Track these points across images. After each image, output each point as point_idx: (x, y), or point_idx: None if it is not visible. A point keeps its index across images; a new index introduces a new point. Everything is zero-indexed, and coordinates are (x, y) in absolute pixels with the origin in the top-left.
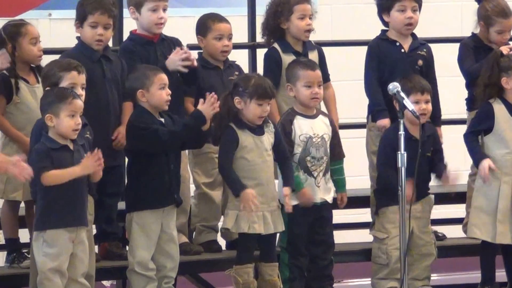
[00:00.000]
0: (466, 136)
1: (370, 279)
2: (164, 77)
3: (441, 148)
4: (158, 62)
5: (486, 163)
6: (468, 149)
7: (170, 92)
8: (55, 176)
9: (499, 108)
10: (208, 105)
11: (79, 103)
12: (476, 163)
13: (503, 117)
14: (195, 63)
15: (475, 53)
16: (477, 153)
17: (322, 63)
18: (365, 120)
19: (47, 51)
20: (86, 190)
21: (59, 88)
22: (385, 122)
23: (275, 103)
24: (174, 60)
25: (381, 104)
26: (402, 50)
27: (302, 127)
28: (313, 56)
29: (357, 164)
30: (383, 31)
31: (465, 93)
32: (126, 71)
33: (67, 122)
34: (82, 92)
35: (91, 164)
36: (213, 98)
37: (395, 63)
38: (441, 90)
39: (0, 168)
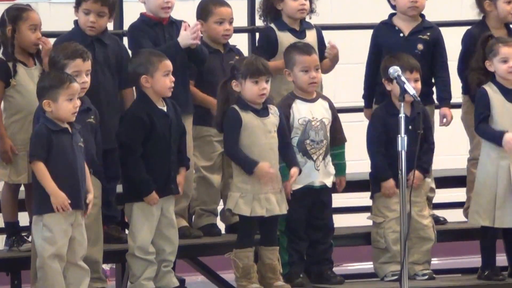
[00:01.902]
0: (478, 129)
1: (370, 262)
2: (168, 64)
3: (430, 126)
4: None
5: (508, 136)
6: (486, 138)
7: (173, 79)
8: (41, 172)
9: (492, 92)
10: (189, 32)
11: (76, 86)
12: (499, 142)
13: (498, 100)
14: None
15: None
16: (494, 134)
17: (320, 43)
18: (362, 104)
19: (47, 35)
20: (84, 174)
21: (56, 72)
22: (368, 113)
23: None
24: (186, 35)
25: (364, 95)
26: (401, 35)
27: (301, 111)
28: (311, 34)
29: (357, 148)
30: (390, 15)
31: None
32: (125, 54)
33: (66, 107)
34: (86, 79)
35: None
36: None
37: (392, 48)
38: None
39: None
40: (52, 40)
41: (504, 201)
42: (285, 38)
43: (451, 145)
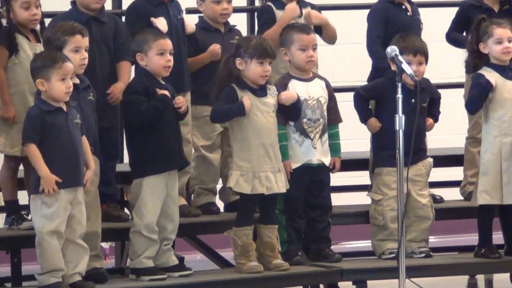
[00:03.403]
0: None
1: (368, 241)
2: (163, 43)
3: (437, 100)
4: (171, 22)
5: (489, 76)
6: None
7: (170, 58)
8: (32, 155)
9: (490, 76)
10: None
11: (69, 66)
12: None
13: (497, 81)
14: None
15: (472, 13)
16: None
17: None
18: (361, 84)
19: (44, 15)
20: (82, 150)
21: (49, 52)
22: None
23: None
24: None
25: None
26: (408, 14)
27: (297, 90)
28: (307, 12)
29: (355, 127)
30: None
31: (461, 58)
32: (122, 29)
33: (59, 87)
34: (86, 55)
35: None
36: (180, 101)
37: (403, 27)
38: (438, 54)
39: None
40: (48, 21)
41: (509, 178)
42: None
43: (448, 124)
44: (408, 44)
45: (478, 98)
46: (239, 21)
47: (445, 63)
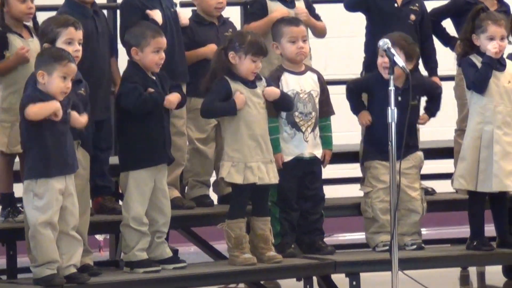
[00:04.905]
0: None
1: (361, 233)
2: (161, 41)
3: (437, 96)
4: (165, 14)
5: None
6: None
7: (163, 56)
8: (35, 109)
9: (478, 63)
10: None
11: (73, 67)
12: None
13: None
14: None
15: (464, 9)
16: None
17: (309, 12)
18: (354, 77)
19: (40, 8)
20: (72, 140)
21: (58, 48)
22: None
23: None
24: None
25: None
26: (396, 5)
27: (289, 83)
28: (300, 4)
29: (347, 120)
30: None
31: (451, 51)
32: (110, 26)
33: (58, 83)
34: (79, 48)
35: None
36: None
37: (388, 17)
38: None
39: None
40: (45, 14)
41: (486, 166)
42: (275, 7)
43: (439, 116)
44: (395, 38)
45: (488, 76)
46: (233, 15)
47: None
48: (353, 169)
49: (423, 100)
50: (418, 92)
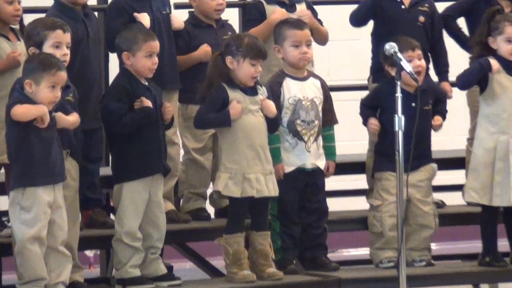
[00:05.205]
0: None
1: (367, 248)
2: (153, 45)
3: (443, 99)
4: (154, 16)
5: (493, 62)
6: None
7: (157, 61)
8: (23, 109)
9: (494, 63)
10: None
11: (63, 75)
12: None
13: (500, 76)
14: None
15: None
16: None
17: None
18: (358, 82)
19: (28, 10)
20: (60, 148)
21: (47, 55)
22: None
23: None
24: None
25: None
26: (403, 7)
27: (291, 89)
28: (302, 7)
29: (351, 129)
30: None
31: (463, 55)
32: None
33: (46, 94)
34: (67, 52)
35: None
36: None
37: (395, 20)
38: None
39: None
40: (32, 16)
41: (502, 178)
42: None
43: (450, 125)
44: (402, 42)
45: (472, 74)
46: (231, 17)
47: None
48: (357, 180)
49: None
50: (430, 96)
